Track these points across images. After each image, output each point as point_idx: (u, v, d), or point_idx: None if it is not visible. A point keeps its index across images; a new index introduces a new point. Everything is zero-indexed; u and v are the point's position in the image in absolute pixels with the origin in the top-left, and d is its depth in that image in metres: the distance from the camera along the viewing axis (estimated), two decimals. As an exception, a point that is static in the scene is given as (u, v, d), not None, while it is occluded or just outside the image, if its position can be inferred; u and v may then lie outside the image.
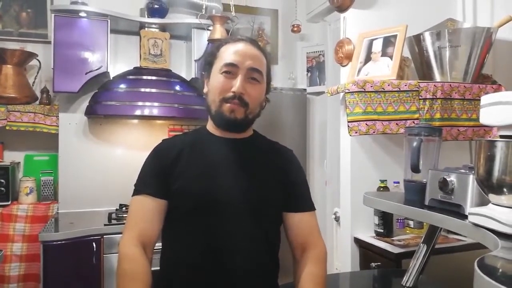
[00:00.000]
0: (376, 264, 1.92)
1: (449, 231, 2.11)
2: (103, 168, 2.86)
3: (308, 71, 3.40)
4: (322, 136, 3.16)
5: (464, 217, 1.25)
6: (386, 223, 2.13)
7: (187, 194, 1.04)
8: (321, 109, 3.26)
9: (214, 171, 1.07)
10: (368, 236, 2.13)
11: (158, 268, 1.14)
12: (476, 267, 0.77)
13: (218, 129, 1.12)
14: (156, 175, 1.07)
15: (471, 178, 1.28)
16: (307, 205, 1.16)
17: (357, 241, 2.17)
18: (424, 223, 2.19)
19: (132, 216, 1.06)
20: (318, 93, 3.31)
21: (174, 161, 1.06)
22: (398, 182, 2.12)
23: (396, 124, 1.78)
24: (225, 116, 1.07)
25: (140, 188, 1.07)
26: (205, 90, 1.14)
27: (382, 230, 2.13)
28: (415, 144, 1.49)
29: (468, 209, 1.24)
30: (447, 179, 1.35)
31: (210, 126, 1.15)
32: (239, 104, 1.06)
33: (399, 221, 2.21)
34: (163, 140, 1.16)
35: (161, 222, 1.07)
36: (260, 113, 1.13)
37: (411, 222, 2.22)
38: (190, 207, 1.04)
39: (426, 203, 1.42)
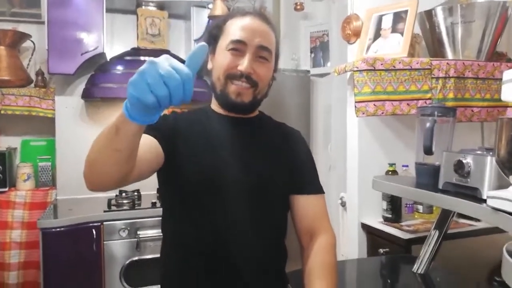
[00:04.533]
0: (384, 250, 1.86)
1: (459, 216, 2.03)
2: None
3: (311, 51, 3.29)
4: (326, 119, 3.07)
5: (481, 201, 1.18)
6: (395, 208, 2.06)
7: (189, 175, 0.97)
8: (325, 91, 3.16)
9: (218, 150, 0.99)
10: (376, 222, 2.06)
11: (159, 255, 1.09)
12: (504, 253, 0.70)
13: (223, 109, 1.04)
14: (161, 128, 0.95)
15: (489, 160, 1.20)
16: (314, 188, 1.09)
17: (364, 226, 2.11)
18: (434, 208, 2.12)
19: None
20: (322, 75, 3.20)
21: (179, 135, 0.98)
22: (407, 166, 2.04)
23: (407, 104, 1.69)
24: (231, 100, 1.00)
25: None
26: (209, 66, 1.05)
27: (390, 215, 2.06)
28: (428, 125, 1.41)
29: (486, 192, 1.17)
30: (463, 161, 1.27)
31: (214, 105, 1.08)
32: (247, 84, 0.98)
33: (408, 206, 2.14)
34: (172, 111, 1.07)
35: (150, 164, 0.90)
36: (268, 93, 1.06)
37: (420, 207, 2.15)
38: (192, 189, 0.97)
39: (440, 186, 1.35)
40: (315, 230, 1.04)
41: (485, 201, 1.18)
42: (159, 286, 1.07)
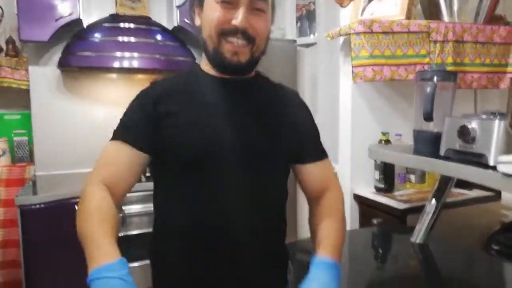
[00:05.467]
0: (378, 221, 1.82)
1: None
2: (81, 127, 2.65)
3: (297, 21, 3.16)
4: (313, 91, 2.99)
5: (487, 167, 1.13)
6: (387, 178, 2.02)
7: (181, 145, 0.87)
8: (311, 61, 3.06)
9: (212, 118, 0.89)
10: (369, 192, 2.02)
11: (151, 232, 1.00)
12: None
13: (216, 69, 0.94)
14: (139, 123, 0.89)
15: (497, 124, 1.14)
16: (319, 154, 1.02)
17: (357, 197, 2.07)
18: (427, 177, 2.09)
19: (103, 161, 0.90)
20: (308, 45, 3.09)
21: (164, 107, 0.88)
22: (401, 135, 1.99)
23: (405, 69, 1.62)
24: (226, 60, 0.89)
25: (118, 133, 0.90)
26: (197, 22, 0.93)
27: (383, 185, 2.02)
28: (428, 89, 1.34)
29: (494, 158, 1.11)
30: (468, 126, 1.21)
31: (205, 65, 0.96)
32: (243, 41, 0.87)
33: (400, 175, 2.10)
34: (151, 83, 0.97)
35: (136, 176, 0.91)
36: (266, 50, 0.94)
37: (412, 177, 2.12)
38: (186, 160, 0.87)
39: (442, 153, 1.29)
40: (323, 192, 1.00)
41: (491, 167, 1.13)
42: (147, 261, 0.99)
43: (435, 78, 1.39)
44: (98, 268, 0.72)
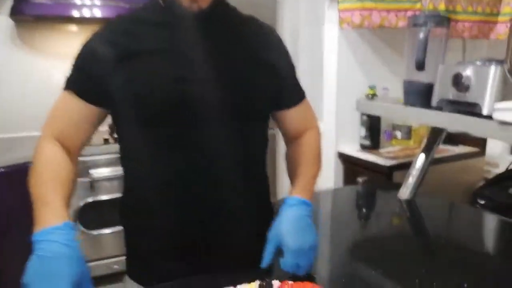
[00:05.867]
0: (363, 179, 1.77)
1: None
2: (40, 84, 2.40)
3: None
4: (294, 46, 2.85)
5: (481, 117, 1.06)
6: (373, 135, 1.96)
7: (144, 95, 0.75)
8: (292, 15, 2.89)
9: (178, 60, 0.77)
10: (354, 150, 1.95)
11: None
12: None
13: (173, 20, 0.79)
14: (88, 70, 0.77)
15: (493, 70, 1.07)
16: (298, 96, 0.93)
17: (341, 156, 2.00)
18: (413, 133, 2.04)
19: (53, 114, 0.81)
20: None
21: (120, 51, 0.75)
22: (388, 89, 1.91)
23: (395, 15, 1.51)
24: (182, 9, 0.77)
25: (67, 82, 0.80)
26: None
27: (368, 143, 1.96)
28: (421, 35, 1.25)
29: (488, 107, 1.04)
30: (463, 73, 1.13)
31: None
32: None
33: (387, 132, 2.04)
34: (105, 24, 0.82)
35: (89, 130, 0.82)
36: None
37: (398, 134, 2.06)
38: (151, 112, 0.76)
39: (434, 104, 1.22)
40: (301, 133, 0.94)
41: (486, 117, 1.07)
42: (119, 227, 0.90)
43: (428, 24, 1.30)
44: (42, 230, 0.65)
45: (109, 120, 0.84)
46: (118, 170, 2.09)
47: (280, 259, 0.76)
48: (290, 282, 0.71)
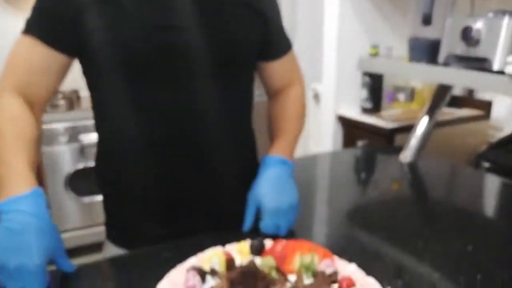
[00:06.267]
0: (364, 142, 1.72)
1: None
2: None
3: None
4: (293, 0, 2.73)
5: (492, 72, 0.99)
6: (375, 97, 1.88)
7: (121, 42, 0.67)
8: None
9: (163, 7, 0.69)
10: (354, 113, 1.89)
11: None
12: None
13: None
14: (56, 12, 0.67)
15: (507, 22, 0.99)
16: (284, 46, 0.87)
17: (341, 119, 1.94)
18: (416, 95, 1.96)
19: (12, 61, 0.71)
20: None
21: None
22: (392, 48, 1.82)
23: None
24: None
25: (29, 25, 0.69)
26: None
27: (369, 105, 1.89)
28: (429, -14, 1.16)
29: (500, 62, 0.98)
30: (473, 26, 1.05)
31: None
32: None
33: (389, 94, 1.96)
34: None
35: (57, 82, 0.72)
36: None
37: (401, 96, 1.99)
38: (135, 60, 0.69)
39: (441, 60, 1.15)
40: (285, 87, 0.89)
41: (496, 72, 1.00)
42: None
43: (436, -27, 1.21)
44: (8, 199, 0.58)
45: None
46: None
47: (259, 221, 0.74)
48: (284, 240, 0.67)
